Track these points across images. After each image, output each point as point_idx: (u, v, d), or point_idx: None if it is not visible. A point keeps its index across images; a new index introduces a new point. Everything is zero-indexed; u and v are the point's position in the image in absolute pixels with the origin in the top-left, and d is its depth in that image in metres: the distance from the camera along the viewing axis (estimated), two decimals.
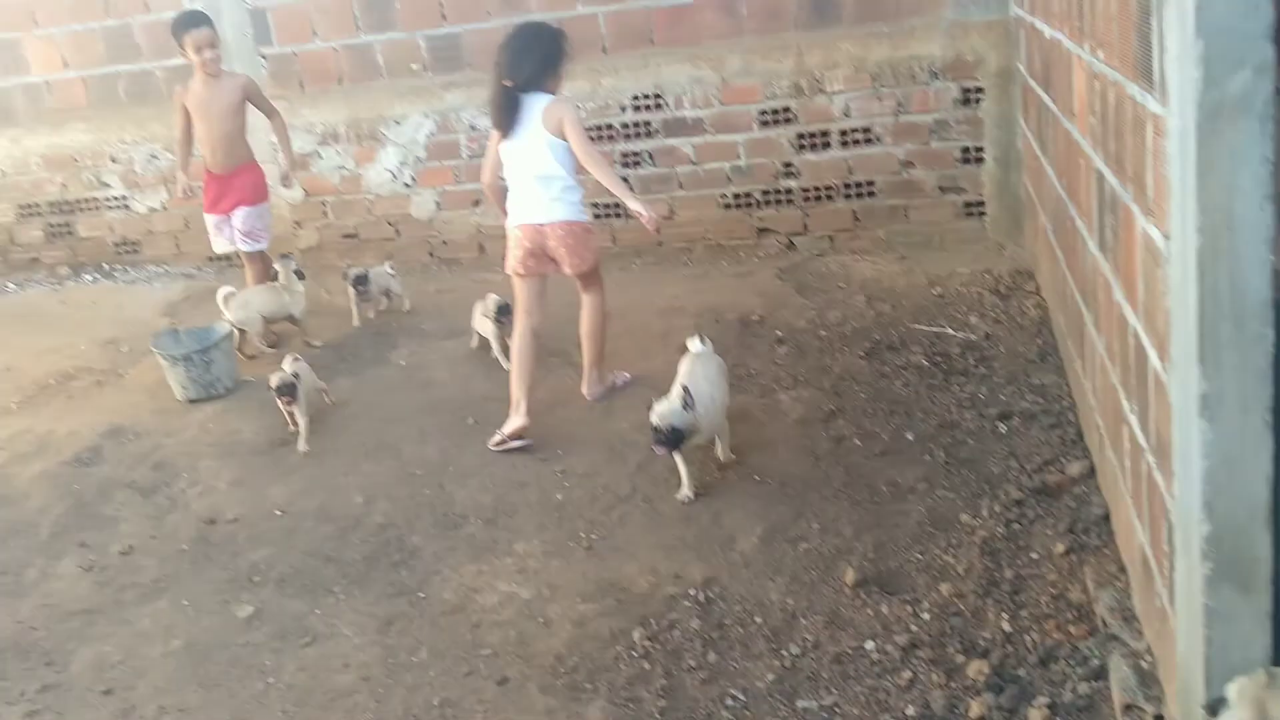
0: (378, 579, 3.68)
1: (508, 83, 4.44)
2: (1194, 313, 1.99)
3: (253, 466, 4.57)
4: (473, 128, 6.79)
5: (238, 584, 3.76)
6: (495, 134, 4.62)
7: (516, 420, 4.45)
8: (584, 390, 4.80)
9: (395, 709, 3.02)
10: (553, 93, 4.50)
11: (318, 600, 3.60)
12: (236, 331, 5.63)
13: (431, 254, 7.14)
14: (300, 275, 5.80)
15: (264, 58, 7.01)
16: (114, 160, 7.60)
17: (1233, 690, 1.94)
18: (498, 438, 4.44)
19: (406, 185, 7.07)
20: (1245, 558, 2.01)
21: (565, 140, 4.40)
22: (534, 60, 4.43)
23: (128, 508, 4.36)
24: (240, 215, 5.96)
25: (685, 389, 3.76)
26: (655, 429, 3.71)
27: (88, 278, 7.69)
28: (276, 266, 5.86)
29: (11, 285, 7.80)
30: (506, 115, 4.47)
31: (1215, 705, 1.95)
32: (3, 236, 8.02)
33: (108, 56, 7.36)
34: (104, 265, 7.82)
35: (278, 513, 4.18)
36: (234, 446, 4.76)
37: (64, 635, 3.58)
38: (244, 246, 6.03)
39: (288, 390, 4.72)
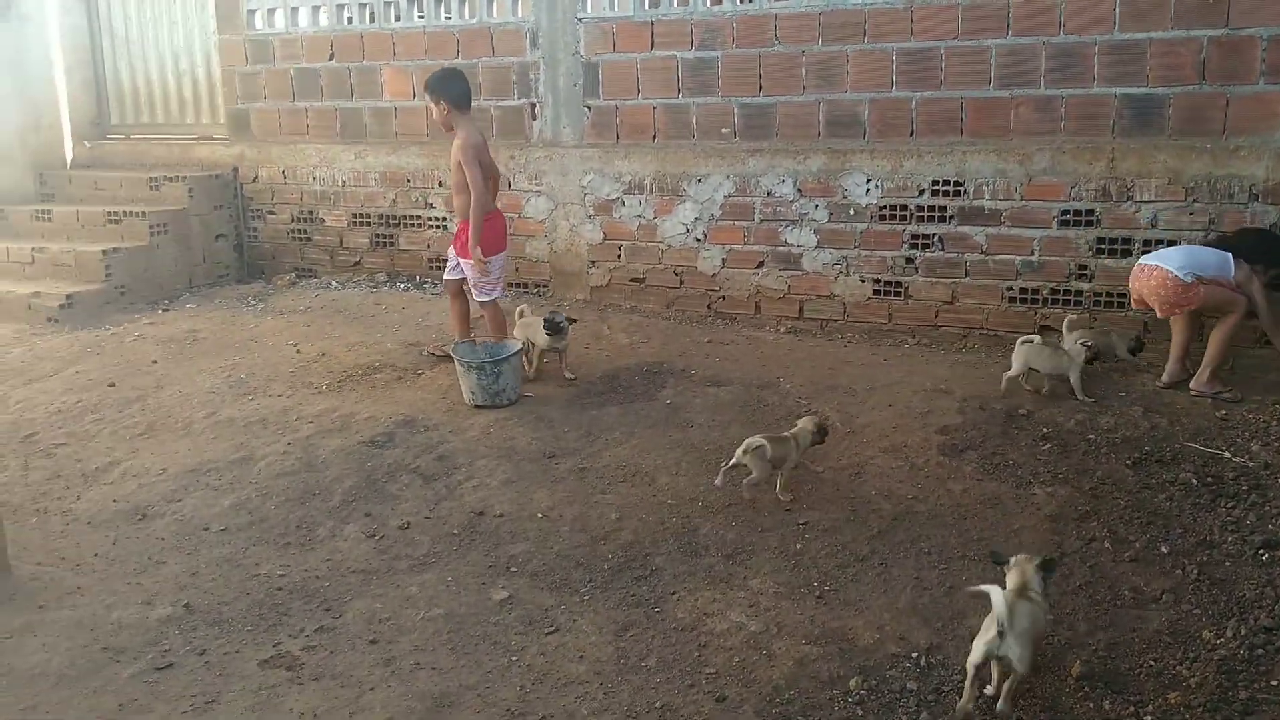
0: (619, 589, 3.96)
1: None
2: None
3: (523, 471, 4.98)
4: (769, 193, 7.10)
5: (496, 570, 4.14)
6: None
7: None
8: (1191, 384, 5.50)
9: (620, 704, 3.26)
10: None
11: (564, 597, 3.92)
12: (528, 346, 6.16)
13: (709, 307, 7.48)
14: (558, 327, 6.10)
15: (588, 108, 7.63)
16: (441, 184, 8.42)
17: None
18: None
19: (698, 240, 7.46)
20: None
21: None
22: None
23: (410, 489, 4.85)
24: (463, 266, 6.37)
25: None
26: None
27: (401, 286, 8.52)
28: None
29: (335, 283, 8.76)
30: None
31: None
32: (334, 239, 9.01)
33: None
34: (416, 276, 8.65)
35: (539, 515, 4.56)
36: (509, 452, 5.20)
37: (342, 588, 4.05)
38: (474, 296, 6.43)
39: (558, 328, 5.83)
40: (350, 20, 8.51)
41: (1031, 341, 5.51)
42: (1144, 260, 5.67)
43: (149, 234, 8.45)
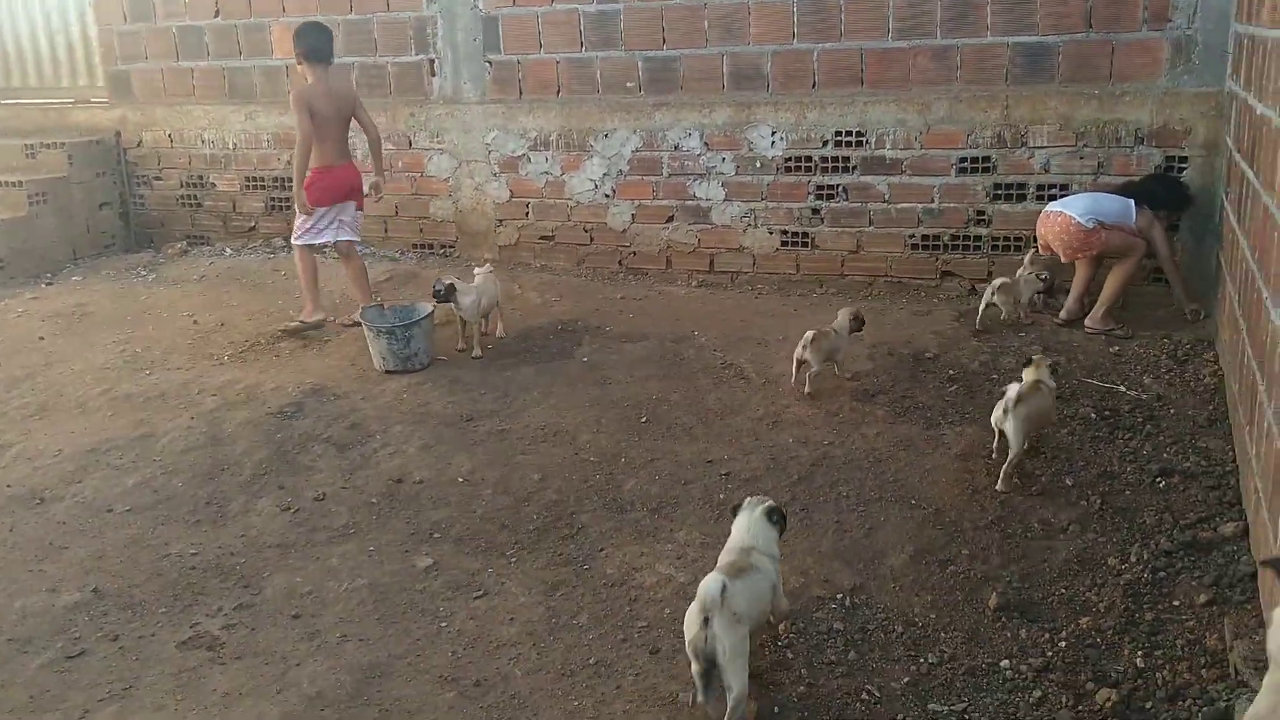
0: (547, 549, 3.97)
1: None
2: None
3: (441, 436, 4.94)
4: (676, 147, 7.11)
5: (419, 538, 4.11)
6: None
7: None
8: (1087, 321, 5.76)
9: (554, 662, 3.29)
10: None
11: (491, 561, 3.91)
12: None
13: (621, 263, 7.48)
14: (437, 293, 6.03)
15: (489, 63, 7.51)
16: None
17: None
18: None
19: (606, 196, 7.43)
20: None
21: None
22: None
23: (324, 459, 4.77)
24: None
25: None
26: None
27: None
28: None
29: (229, 250, 8.52)
30: None
31: None
32: (227, 204, 8.74)
33: (346, 48, 7.91)
34: None
35: (460, 480, 4.53)
36: (425, 417, 5.16)
37: (260, 564, 3.98)
38: None
39: (438, 294, 5.74)
40: None
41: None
42: (1050, 207, 5.86)
43: (27, 204, 8.09)
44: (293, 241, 6.51)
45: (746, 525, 3.19)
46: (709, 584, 2.72)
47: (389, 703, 3.14)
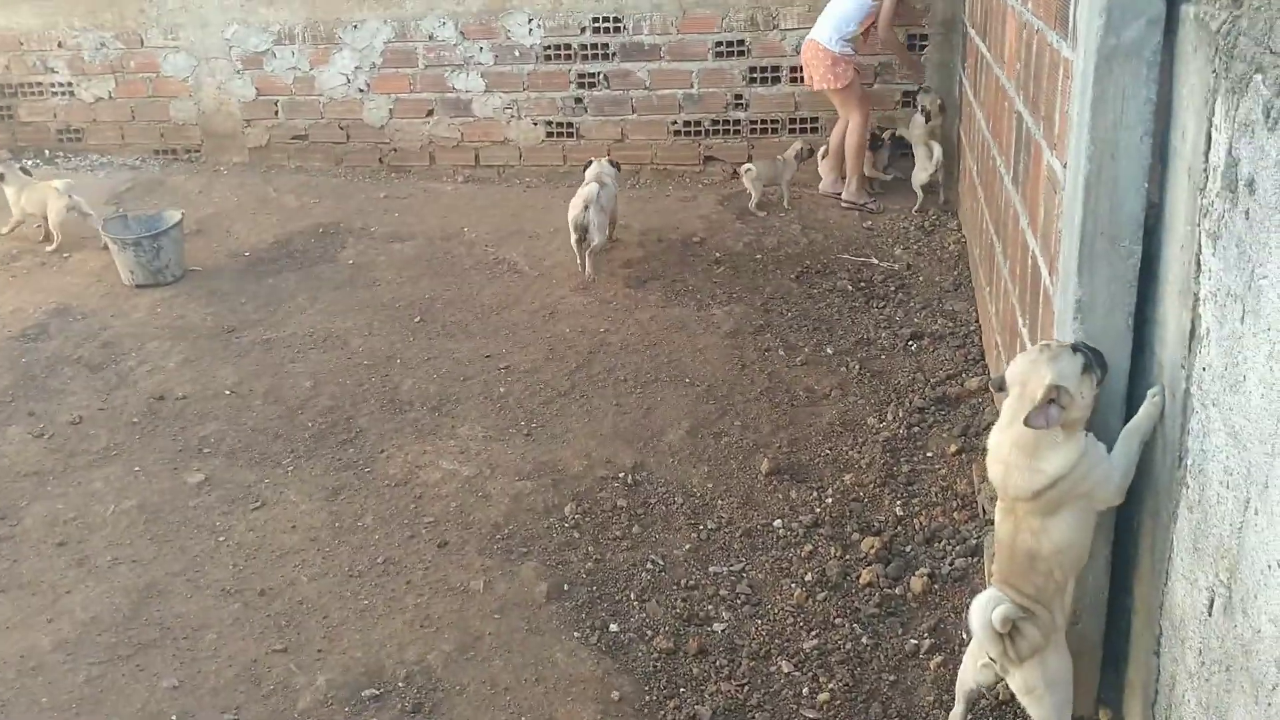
0: (325, 455, 3.89)
1: None
2: (1077, 231, 2.27)
3: (201, 349, 4.72)
4: (431, 37, 6.88)
5: (188, 454, 3.95)
6: None
7: None
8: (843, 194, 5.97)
9: (341, 565, 3.26)
10: None
11: (266, 471, 3.81)
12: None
13: (381, 160, 7.24)
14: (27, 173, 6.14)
15: None
16: (60, 45, 7.54)
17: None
18: None
19: (360, 90, 7.14)
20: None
21: None
22: None
23: (76, 381, 4.49)
24: None
25: None
26: None
27: (29, 162, 7.61)
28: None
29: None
30: None
31: (999, 381, 2.28)
32: None
33: None
34: (46, 151, 7.78)
35: (227, 392, 4.36)
36: (183, 331, 4.91)
37: (15, 494, 3.74)
38: None
39: None
40: None
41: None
42: (807, 37, 6.03)
43: None
44: None
45: (596, 167, 5.45)
46: (589, 187, 5.16)
47: (170, 620, 3.05)
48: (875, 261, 5.18)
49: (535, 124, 6.97)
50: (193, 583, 3.22)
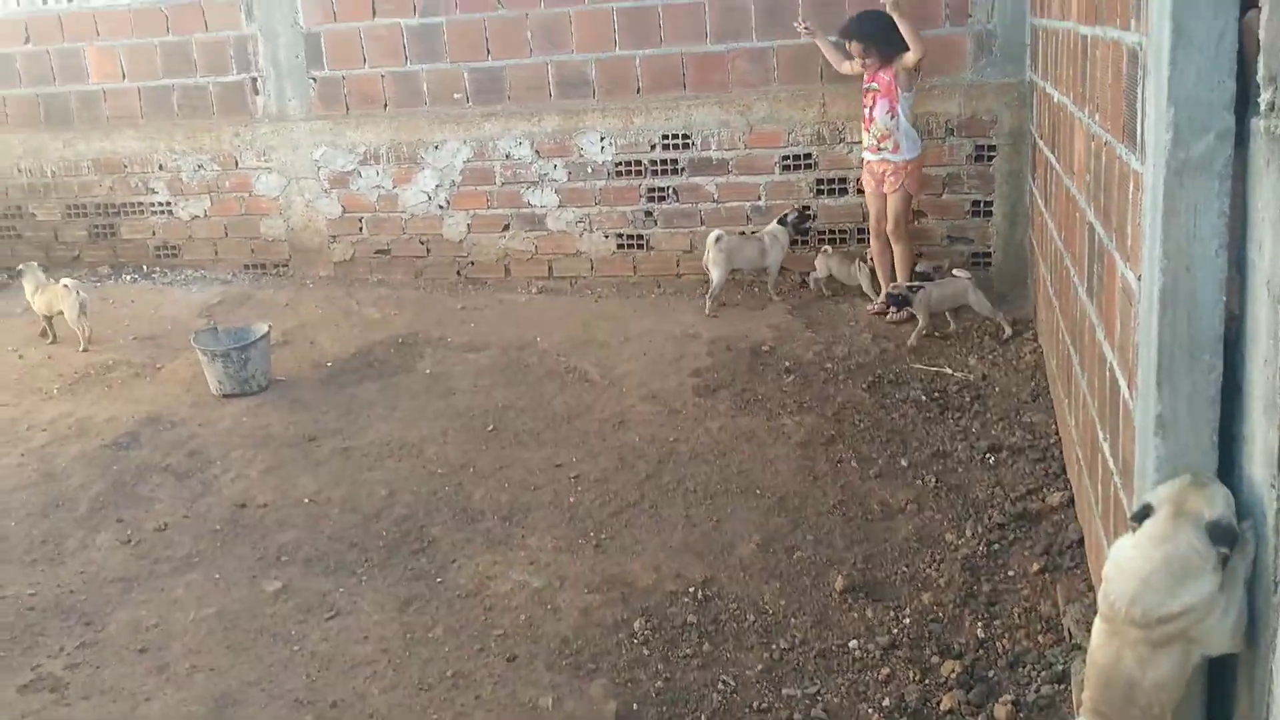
0: (398, 564, 3.93)
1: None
2: (1155, 344, 2.25)
3: (283, 458, 4.83)
4: (508, 156, 7.11)
5: (266, 562, 4.01)
6: None
7: None
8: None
9: (411, 677, 3.26)
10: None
11: (341, 580, 3.85)
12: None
13: (459, 273, 7.43)
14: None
15: (314, 79, 7.35)
16: (162, 168, 7.93)
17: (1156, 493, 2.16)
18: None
19: (440, 207, 7.38)
20: None
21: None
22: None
23: (163, 489, 4.62)
24: None
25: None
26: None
27: (128, 278, 7.99)
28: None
29: (53, 280, 8.09)
30: None
31: (1141, 513, 2.16)
32: (48, 234, 8.33)
33: (164, 70, 7.70)
34: (143, 267, 8.13)
35: (306, 501, 4.44)
36: (266, 439, 5.03)
37: (101, 600, 3.82)
38: None
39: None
40: (46, 2, 7.80)
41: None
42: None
43: None
44: None
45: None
46: (714, 232, 5.62)
47: None
48: (949, 371, 5.15)
49: (606, 237, 7.12)
50: (267, 692, 3.24)
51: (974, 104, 6.30)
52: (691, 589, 3.59)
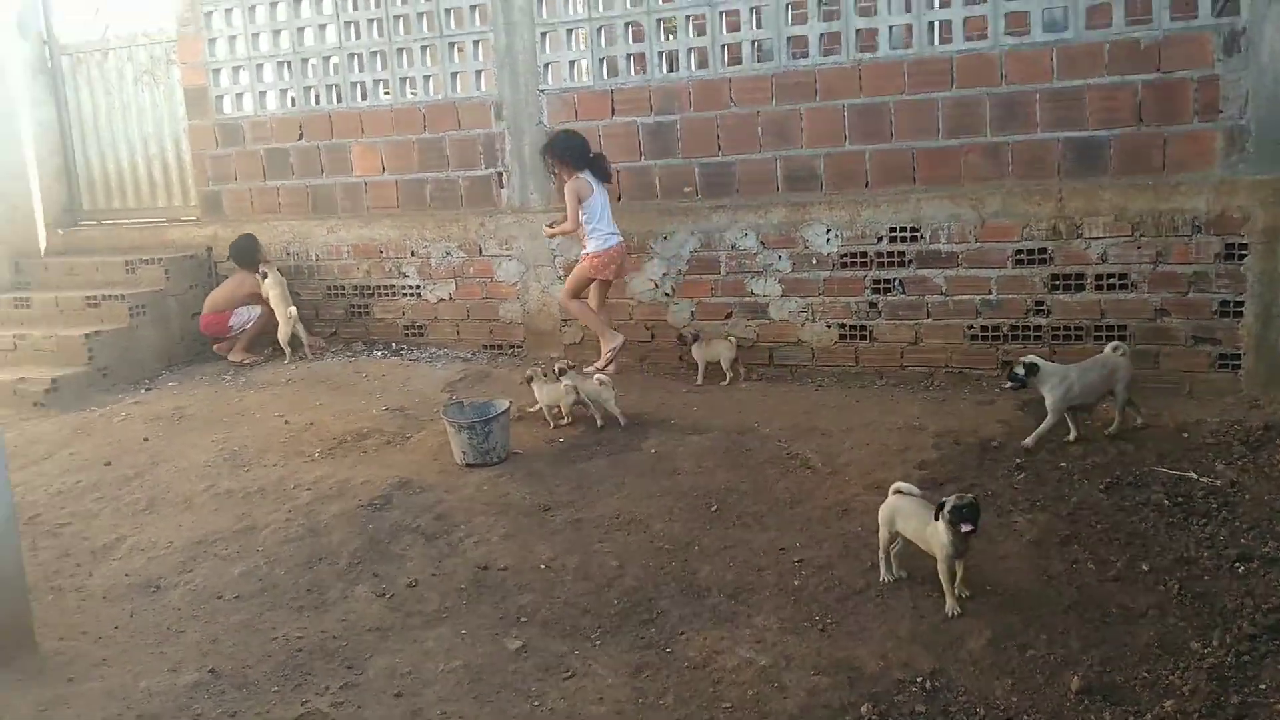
0: (629, 632, 4.11)
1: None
2: None
3: (521, 525, 5.12)
4: (733, 247, 7.37)
5: (507, 621, 4.27)
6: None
7: None
8: None
9: None
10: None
11: (576, 643, 4.06)
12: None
13: (681, 359, 7.67)
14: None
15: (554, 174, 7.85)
16: (413, 253, 8.60)
17: None
18: None
19: (666, 295, 7.69)
20: None
21: None
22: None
23: (413, 549, 4.97)
24: None
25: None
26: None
27: (378, 353, 8.65)
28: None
29: (312, 355, 8.87)
30: None
31: None
32: (309, 312, 9.09)
33: (420, 165, 8.41)
34: (393, 344, 8.79)
35: (542, 567, 4.70)
36: (505, 507, 5.35)
37: (361, 646, 4.16)
38: None
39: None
40: (318, 101, 8.70)
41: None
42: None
43: (129, 316, 8.54)
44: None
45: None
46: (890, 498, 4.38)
47: None
48: (1194, 476, 4.95)
49: (829, 326, 7.23)
50: None
51: (1224, 201, 6.12)
52: (919, 678, 3.60)
